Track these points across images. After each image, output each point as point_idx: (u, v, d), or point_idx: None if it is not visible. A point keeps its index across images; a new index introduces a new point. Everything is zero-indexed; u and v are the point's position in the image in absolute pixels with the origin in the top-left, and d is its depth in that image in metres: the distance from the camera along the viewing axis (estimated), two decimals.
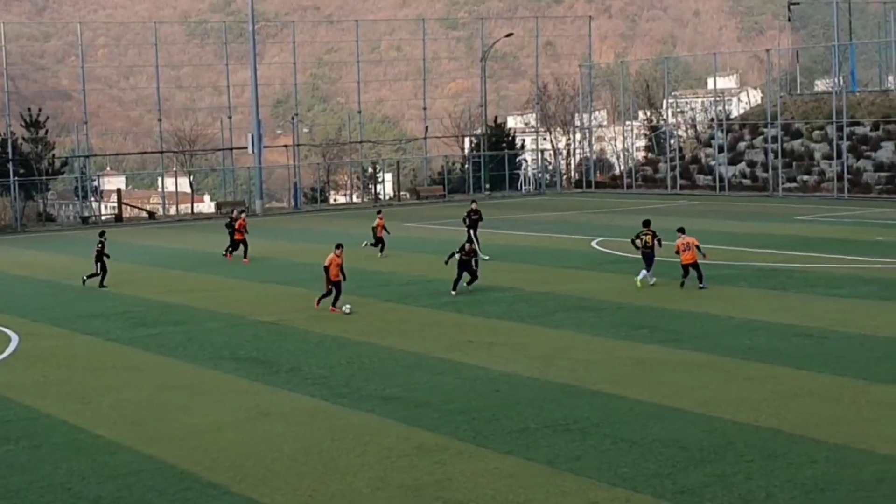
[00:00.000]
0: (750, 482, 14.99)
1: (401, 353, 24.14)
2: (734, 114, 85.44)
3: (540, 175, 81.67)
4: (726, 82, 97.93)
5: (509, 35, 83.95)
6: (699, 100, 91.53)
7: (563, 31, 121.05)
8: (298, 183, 72.80)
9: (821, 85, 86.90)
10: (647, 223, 32.68)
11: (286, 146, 77.79)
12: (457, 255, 31.62)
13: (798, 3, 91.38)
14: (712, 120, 79.45)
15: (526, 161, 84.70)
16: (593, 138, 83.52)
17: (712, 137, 75.48)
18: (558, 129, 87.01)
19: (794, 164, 69.12)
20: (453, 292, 31.33)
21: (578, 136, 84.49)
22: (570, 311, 28.70)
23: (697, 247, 31.22)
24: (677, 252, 31.52)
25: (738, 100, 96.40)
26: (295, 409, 19.65)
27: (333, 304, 29.02)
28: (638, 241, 32.07)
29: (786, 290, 31.00)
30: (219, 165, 79.63)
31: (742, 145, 73.05)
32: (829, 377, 20.78)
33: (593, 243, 43.11)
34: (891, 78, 76.77)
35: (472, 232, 38.86)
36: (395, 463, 16.32)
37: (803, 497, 14.41)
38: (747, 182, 70.58)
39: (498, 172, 78.16)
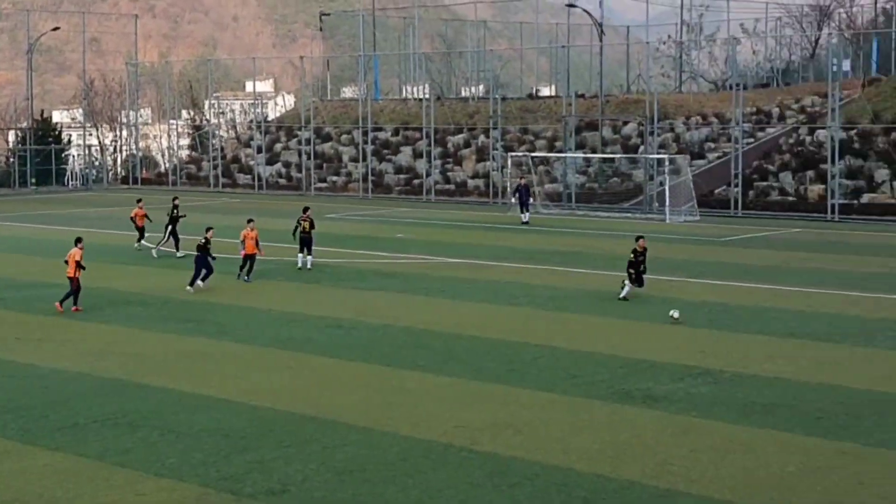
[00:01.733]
0: (289, 467, 15.31)
1: None
2: (271, 116, 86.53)
3: (87, 170, 78.68)
4: (263, 86, 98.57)
5: (56, 29, 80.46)
6: (239, 102, 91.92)
7: (108, 28, 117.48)
8: None
9: (348, 92, 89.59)
10: (306, 209, 34.83)
11: None
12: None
13: (328, 15, 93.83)
14: (251, 121, 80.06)
15: (73, 156, 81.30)
16: (139, 135, 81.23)
17: (251, 138, 76.15)
18: (105, 125, 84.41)
19: (325, 165, 70.86)
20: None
21: (125, 132, 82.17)
22: (119, 306, 28.10)
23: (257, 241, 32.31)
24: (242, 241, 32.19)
25: (275, 103, 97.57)
26: None
27: (75, 303, 27.14)
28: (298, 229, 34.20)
29: (319, 284, 31.86)
30: None
31: (278, 146, 74.13)
32: (357, 364, 21.55)
33: (143, 240, 42.20)
34: (409, 87, 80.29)
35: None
36: None
37: (336, 479, 14.87)
38: (283, 181, 71.54)
39: (44, 167, 74.65)
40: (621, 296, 28.61)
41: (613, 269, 34.26)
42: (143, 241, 39.31)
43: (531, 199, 50.79)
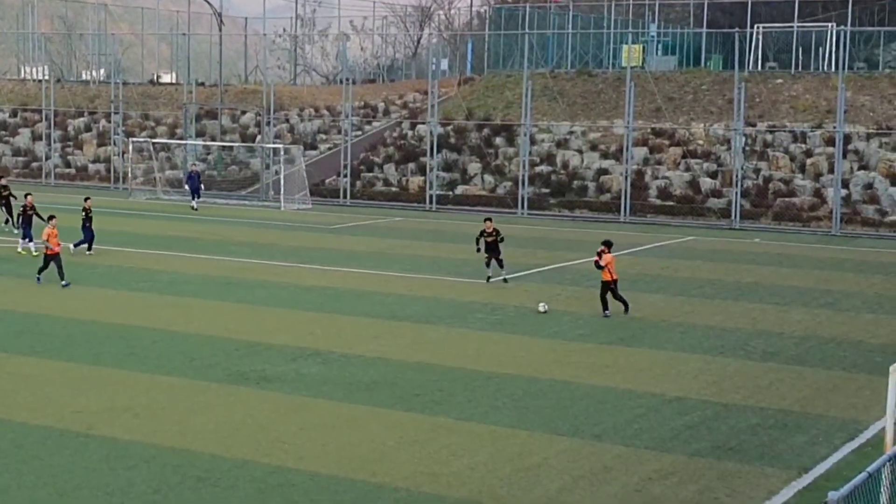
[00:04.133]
0: None
1: None
2: None
3: None
4: None
5: None
6: None
7: None
8: None
9: None
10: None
11: None
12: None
13: None
14: None
15: None
16: None
17: None
18: None
19: None
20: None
21: None
22: None
23: None
24: None
25: None
26: None
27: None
28: None
29: None
30: None
31: None
32: None
33: None
34: (28, 68, 76.38)
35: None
36: None
37: None
38: None
39: None
40: (489, 276, 29.84)
41: (230, 255, 34.41)
42: None
43: (202, 187, 49.78)
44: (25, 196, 34.36)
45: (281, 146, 55.01)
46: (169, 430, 15.94)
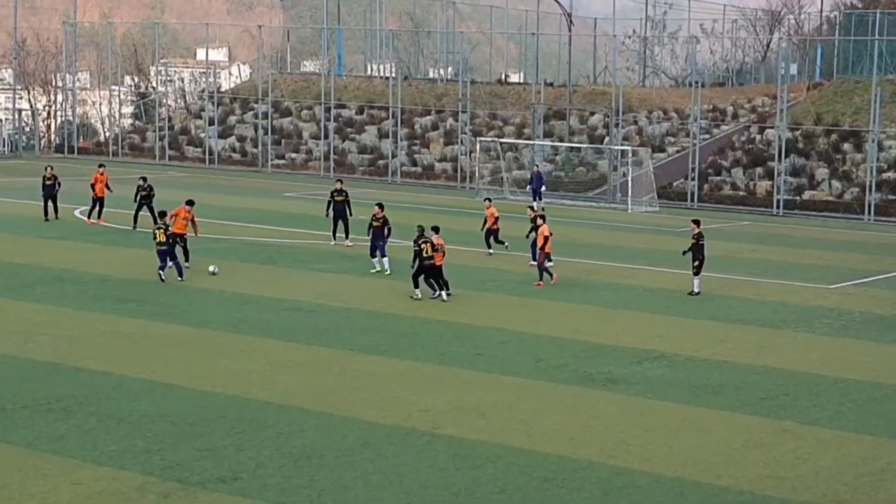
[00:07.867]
0: (240, 454, 15.41)
1: None
2: (224, 87, 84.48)
3: (16, 136, 75.16)
4: (216, 55, 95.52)
5: None
6: (189, 70, 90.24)
7: None
8: None
9: (309, 66, 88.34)
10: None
11: None
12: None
13: None
14: (203, 91, 78.20)
15: (0, 120, 78.46)
16: (76, 101, 76.94)
17: (202, 109, 74.10)
18: (38, 87, 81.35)
19: (283, 141, 69.53)
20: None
21: (60, 97, 78.52)
22: (51, 284, 27.21)
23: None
24: None
25: (229, 73, 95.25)
26: None
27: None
28: None
29: (275, 265, 31.58)
30: None
31: (232, 119, 72.72)
32: (316, 348, 21.78)
33: (76, 212, 40.89)
34: (374, 65, 78.71)
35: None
36: None
37: (292, 465, 15.06)
38: (237, 156, 70.19)
39: None
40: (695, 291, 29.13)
41: (577, 257, 35.12)
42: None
43: (543, 188, 50.65)
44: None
45: (629, 148, 56.01)
46: (515, 431, 16.91)
